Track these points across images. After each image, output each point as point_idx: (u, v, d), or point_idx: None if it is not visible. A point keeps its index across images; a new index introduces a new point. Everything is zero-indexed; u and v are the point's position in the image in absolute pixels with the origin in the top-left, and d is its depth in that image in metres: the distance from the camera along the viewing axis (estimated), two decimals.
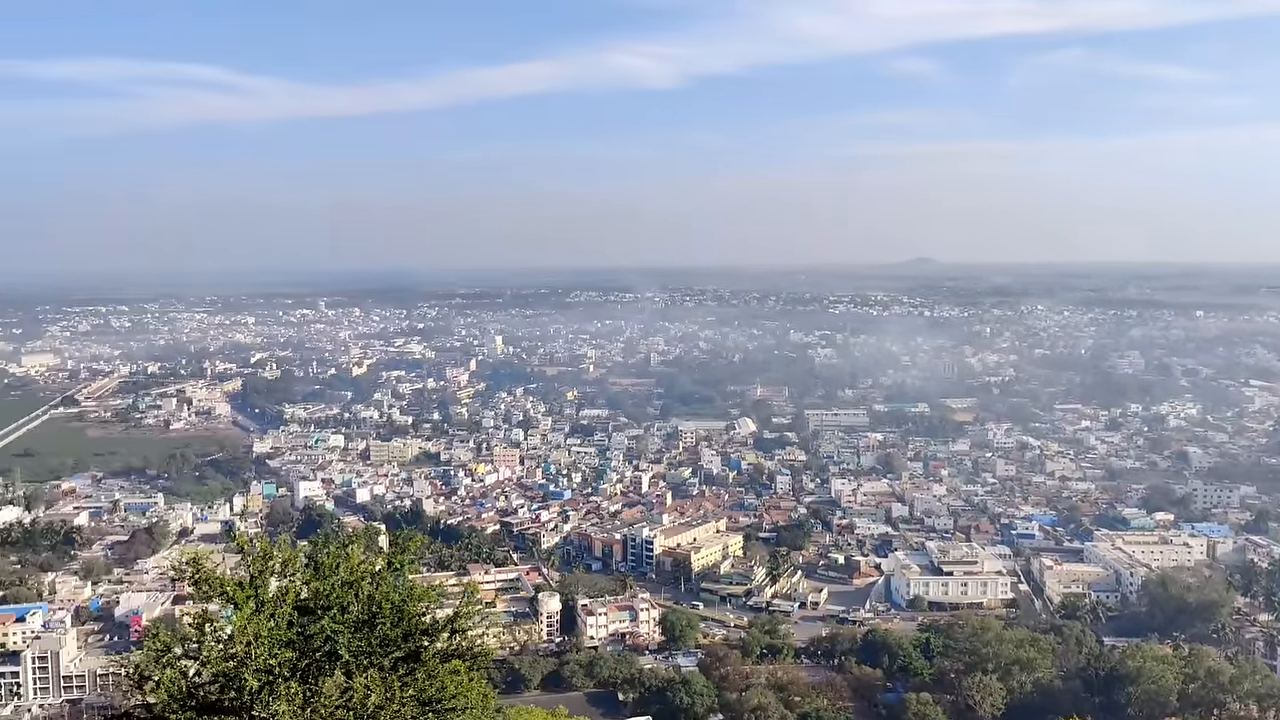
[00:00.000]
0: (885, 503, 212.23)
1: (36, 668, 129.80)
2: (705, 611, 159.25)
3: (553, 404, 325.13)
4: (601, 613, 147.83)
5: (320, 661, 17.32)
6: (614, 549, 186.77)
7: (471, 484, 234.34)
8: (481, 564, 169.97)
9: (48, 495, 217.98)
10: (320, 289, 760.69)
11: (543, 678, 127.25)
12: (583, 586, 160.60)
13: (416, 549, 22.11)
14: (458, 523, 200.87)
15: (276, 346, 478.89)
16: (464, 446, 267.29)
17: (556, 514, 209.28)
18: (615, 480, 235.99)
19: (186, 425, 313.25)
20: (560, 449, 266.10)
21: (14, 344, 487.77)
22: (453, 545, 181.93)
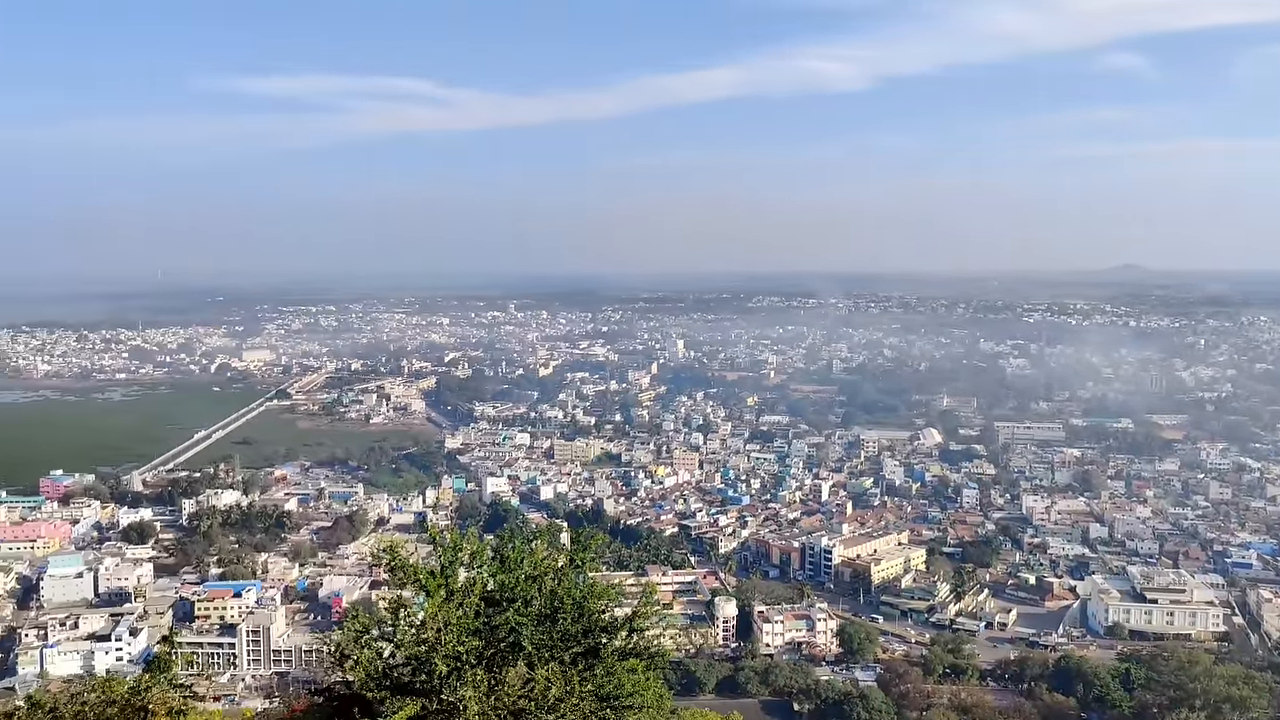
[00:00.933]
0: (1082, 522, 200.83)
1: (250, 641, 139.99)
2: (885, 625, 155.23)
3: (732, 409, 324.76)
4: (778, 620, 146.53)
5: (504, 652, 17.90)
6: (792, 557, 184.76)
7: (651, 486, 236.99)
8: (659, 565, 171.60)
9: (262, 481, 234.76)
10: (510, 292, 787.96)
11: (718, 682, 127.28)
12: (759, 593, 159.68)
13: (597, 547, 22.53)
14: (637, 523, 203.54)
15: (469, 346, 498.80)
16: (644, 448, 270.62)
17: (734, 519, 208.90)
18: (794, 487, 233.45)
19: (385, 420, 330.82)
20: (739, 454, 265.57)
21: (236, 340, 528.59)
22: (632, 546, 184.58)
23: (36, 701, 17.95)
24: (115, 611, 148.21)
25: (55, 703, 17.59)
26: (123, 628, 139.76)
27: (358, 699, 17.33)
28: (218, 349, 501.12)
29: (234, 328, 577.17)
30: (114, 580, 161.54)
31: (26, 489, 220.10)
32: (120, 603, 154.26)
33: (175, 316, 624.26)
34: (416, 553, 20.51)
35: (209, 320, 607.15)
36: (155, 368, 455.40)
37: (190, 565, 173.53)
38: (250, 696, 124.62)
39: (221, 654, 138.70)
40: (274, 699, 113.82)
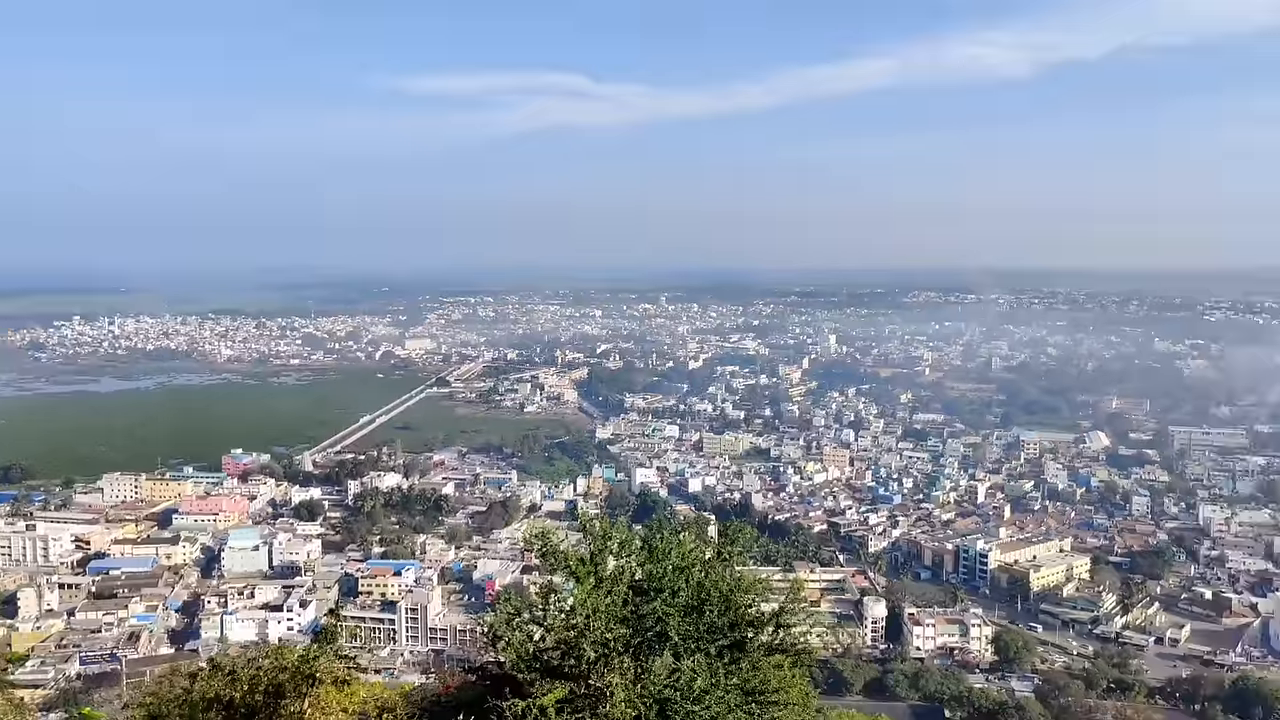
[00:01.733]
0: (1266, 536, 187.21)
1: (408, 618, 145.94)
2: (1043, 635, 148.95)
3: (885, 406, 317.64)
4: (930, 624, 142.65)
5: (651, 641, 18.07)
6: (945, 559, 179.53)
7: (800, 482, 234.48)
8: (807, 562, 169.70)
9: (422, 465, 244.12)
10: (661, 285, 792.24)
11: (865, 683, 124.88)
12: (910, 595, 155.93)
13: (745, 541, 22.47)
14: (785, 519, 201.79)
15: (620, 338, 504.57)
16: (794, 444, 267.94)
17: (885, 518, 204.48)
18: (949, 488, 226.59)
19: (538, 409, 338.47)
20: (891, 452, 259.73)
21: (400, 329, 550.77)
22: (779, 541, 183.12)
23: (218, 664, 19.21)
24: (287, 584, 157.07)
25: (234, 666, 18.78)
26: (293, 599, 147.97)
27: (509, 679, 17.82)
28: (382, 337, 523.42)
29: (398, 317, 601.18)
30: (286, 554, 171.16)
31: (210, 465, 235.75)
32: (291, 575, 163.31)
33: (344, 306, 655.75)
34: (567, 540, 20.91)
35: (375, 310, 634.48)
36: (325, 354, 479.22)
37: (354, 543, 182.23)
38: (408, 671, 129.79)
39: (382, 629, 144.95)
40: (430, 675, 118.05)
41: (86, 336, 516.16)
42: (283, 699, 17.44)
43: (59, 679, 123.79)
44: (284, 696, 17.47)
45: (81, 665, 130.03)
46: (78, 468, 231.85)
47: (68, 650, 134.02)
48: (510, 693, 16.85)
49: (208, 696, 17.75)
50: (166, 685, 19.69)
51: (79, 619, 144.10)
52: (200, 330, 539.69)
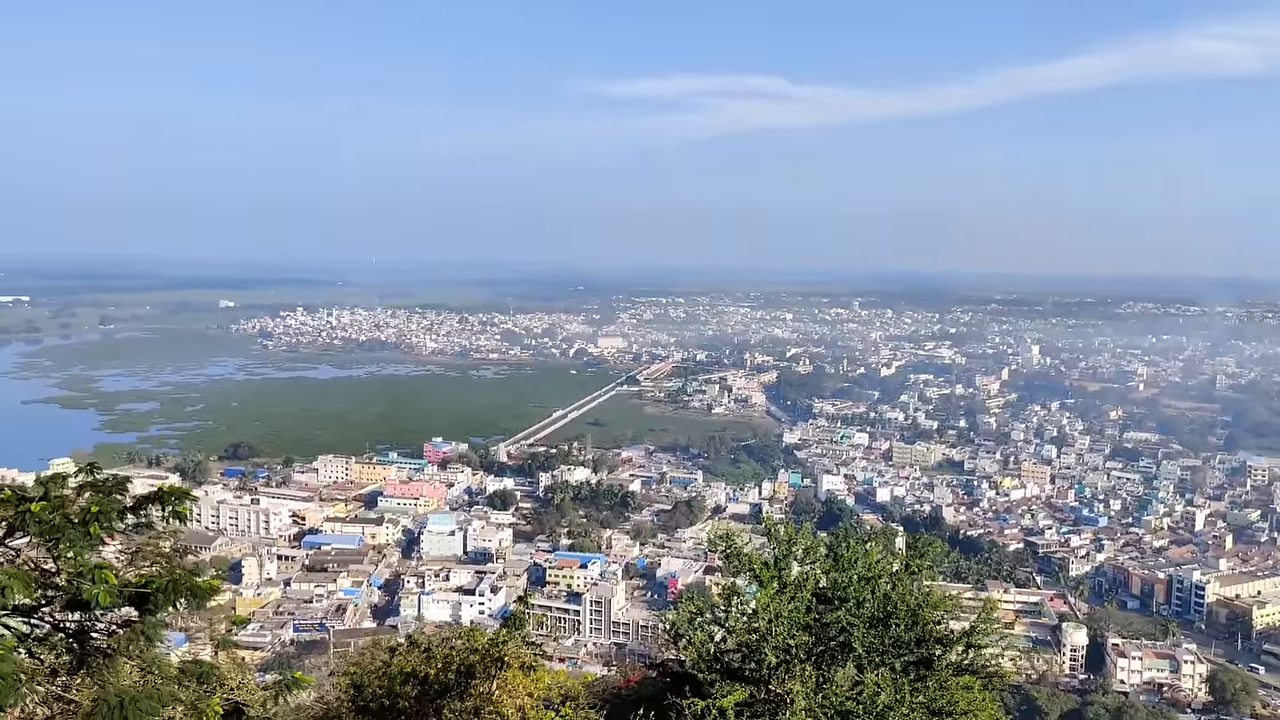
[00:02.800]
0: None
1: (593, 610, 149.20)
2: (1266, 677, 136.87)
3: (1092, 422, 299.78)
4: (1136, 656, 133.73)
5: (834, 651, 17.73)
6: (1156, 588, 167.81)
7: (995, 497, 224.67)
8: (1001, 582, 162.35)
9: (610, 461, 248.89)
10: (854, 289, 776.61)
11: (1062, 714, 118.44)
12: (1114, 624, 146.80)
13: (935, 556, 21.68)
14: (978, 535, 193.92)
15: (810, 342, 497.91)
16: (989, 457, 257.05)
17: (1089, 541, 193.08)
18: (1162, 513, 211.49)
19: (726, 411, 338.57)
20: (1098, 471, 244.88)
21: (593, 327, 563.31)
22: (971, 558, 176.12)
23: (414, 641, 20.19)
24: (479, 569, 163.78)
25: (429, 644, 19.69)
26: (485, 584, 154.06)
27: (689, 678, 17.89)
28: (576, 334, 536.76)
29: (591, 315, 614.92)
30: (479, 541, 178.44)
31: (413, 452, 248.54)
32: (484, 561, 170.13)
33: (541, 303, 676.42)
34: (750, 543, 20.79)
35: (570, 307, 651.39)
36: (522, 349, 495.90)
37: (544, 534, 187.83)
38: (590, 662, 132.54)
39: (567, 619, 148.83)
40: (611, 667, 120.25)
41: (308, 327, 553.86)
42: (473, 679, 18.11)
43: (275, 643, 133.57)
44: (474, 677, 18.14)
45: (294, 632, 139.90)
46: (296, 448, 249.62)
47: (283, 617, 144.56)
48: (690, 691, 16.91)
49: (405, 671, 18.65)
50: (368, 657, 20.83)
51: (293, 589, 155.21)
52: (408, 323, 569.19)
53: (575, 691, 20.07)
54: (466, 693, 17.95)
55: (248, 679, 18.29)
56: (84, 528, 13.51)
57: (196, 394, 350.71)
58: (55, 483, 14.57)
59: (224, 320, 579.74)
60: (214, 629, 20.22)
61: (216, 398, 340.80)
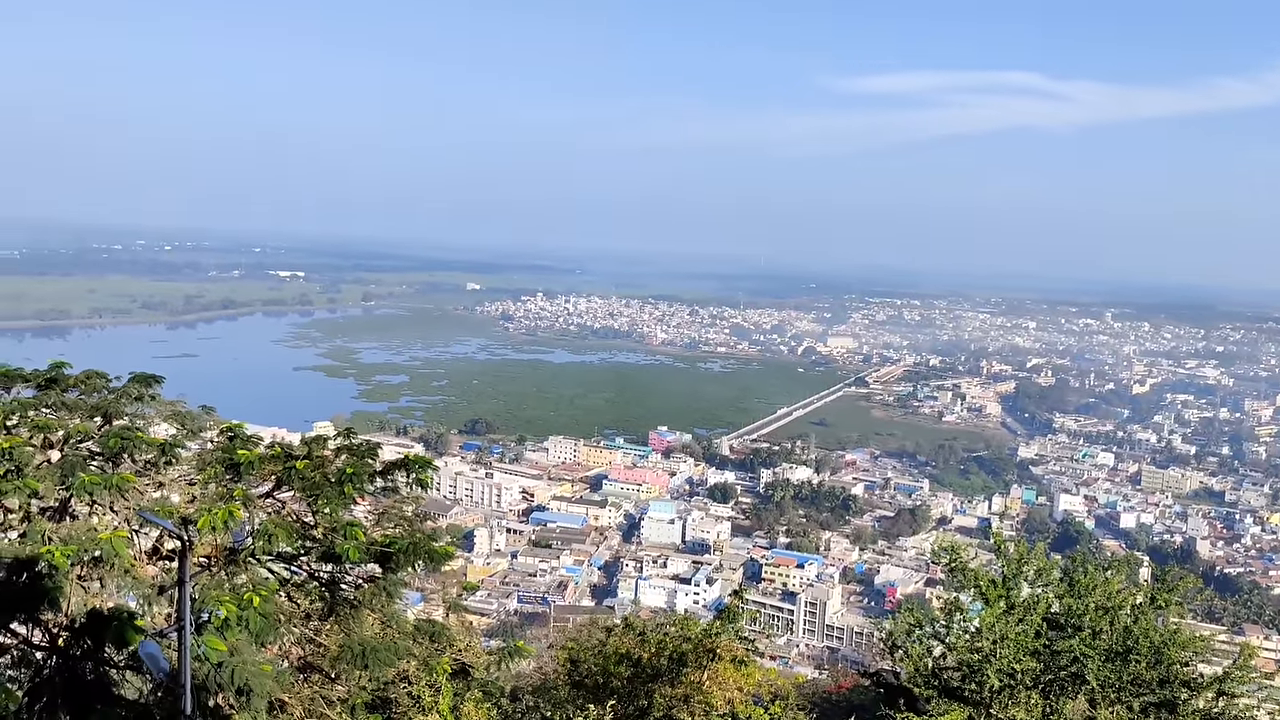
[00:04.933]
0: None
1: (807, 611, 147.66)
2: None
3: None
4: None
5: (1063, 681, 16.69)
6: None
7: (1261, 534, 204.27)
8: (1263, 628, 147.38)
9: (833, 462, 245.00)
10: (1107, 299, 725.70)
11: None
12: None
13: (1185, 591, 20.00)
14: (1237, 574, 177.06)
15: (1054, 354, 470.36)
16: (1256, 490, 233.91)
17: None
18: None
19: (957, 419, 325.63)
20: None
21: (823, 326, 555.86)
22: (1228, 598, 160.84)
23: (630, 624, 20.67)
24: (696, 559, 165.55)
25: (644, 628, 20.10)
26: (701, 575, 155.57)
27: (904, 691, 17.37)
28: (805, 332, 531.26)
29: (822, 314, 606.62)
30: (698, 531, 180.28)
31: (638, 439, 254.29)
32: (701, 552, 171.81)
33: (771, 299, 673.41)
34: (977, 558, 19.90)
35: (800, 305, 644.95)
36: (750, 344, 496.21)
37: (762, 530, 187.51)
38: (801, 663, 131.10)
39: (780, 618, 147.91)
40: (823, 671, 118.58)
41: (546, 312, 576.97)
42: (684, 667, 18.32)
43: (500, 612, 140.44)
44: (686, 665, 18.35)
45: (518, 603, 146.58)
46: (529, 427, 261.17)
47: (509, 588, 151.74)
48: (904, 705, 16.42)
49: (620, 651, 19.10)
50: (586, 634, 21.53)
51: (520, 562, 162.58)
52: (640, 313, 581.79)
53: (785, 691, 19.93)
54: (678, 680, 18.19)
55: (474, 642, 19.32)
56: (340, 487, 14.70)
57: (442, 370, 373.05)
58: (317, 444, 15.94)
59: (470, 302, 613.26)
60: (447, 592, 21.48)
61: (459, 374, 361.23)
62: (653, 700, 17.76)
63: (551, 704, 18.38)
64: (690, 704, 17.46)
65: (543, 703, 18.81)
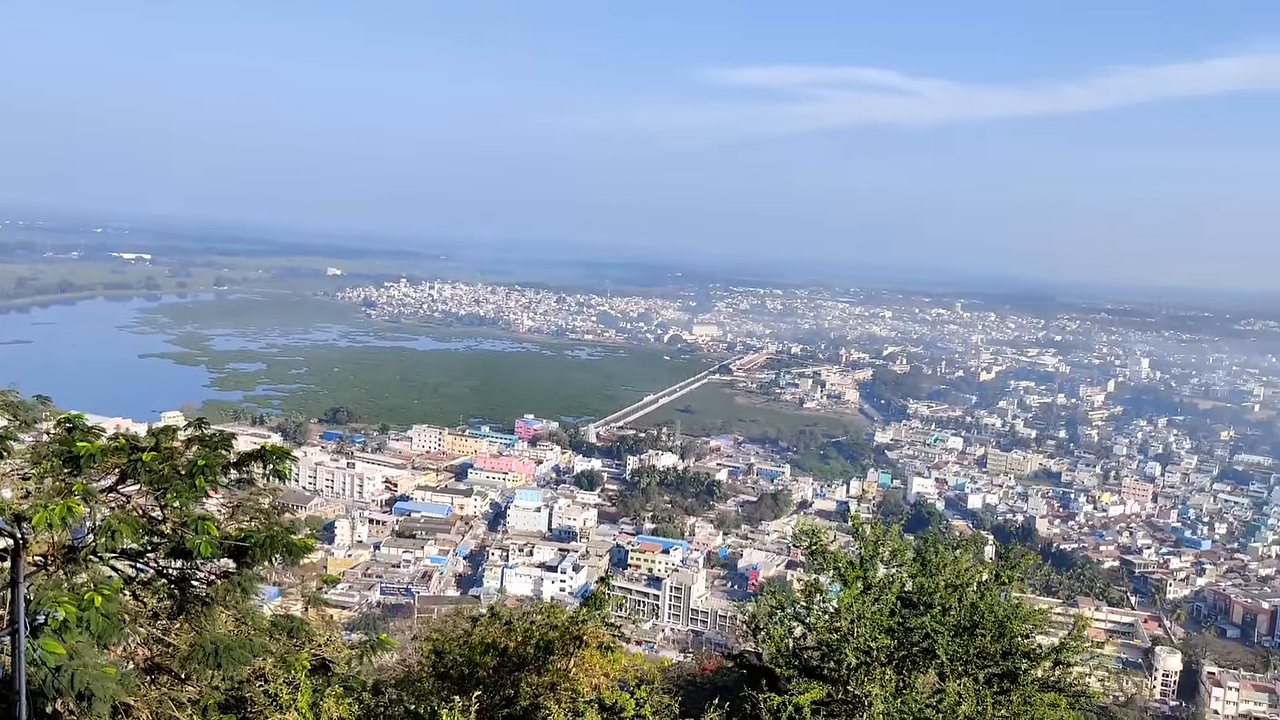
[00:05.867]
0: None
1: (672, 596, 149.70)
2: None
3: (1201, 441, 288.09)
4: (1233, 687, 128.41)
5: (916, 656, 17.40)
6: (1259, 618, 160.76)
7: (1093, 512, 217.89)
8: (1094, 600, 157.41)
9: (698, 449, 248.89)
10: (958, 290, 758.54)
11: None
12: (1211, 652, 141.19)
13: (1026, 567, 21.11)
14: (1072, 550, 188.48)
15: (909, 342, 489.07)
16: (1089, 471, 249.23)
17: (1190, 564, 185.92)
18: (1270, 540, 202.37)
19: (817, 406, 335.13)
20: (1204, 493, 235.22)
21: (689, 314, 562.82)
22: (1063, 572, 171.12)
23: (496, 613, 20.48)
24: (563, 547, 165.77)
25: (511, 617, 19.96)
26: (567, 562, 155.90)
27: (766, 671, 17.77)
28: (671, 320, 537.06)
29: (688, 302, 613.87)
30: (564, 519, 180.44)
31: (504, 427, 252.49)
32: (568, 540, 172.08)
33: (638, 287, 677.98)
34: (836, 540, 20.52)
35: (667, 293, 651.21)
36: (617, 332, 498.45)
37: (628, 517, 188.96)
38: (666, 647, 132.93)
39: (646, 603, 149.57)
40: (687, 654, 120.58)
41: (410, 298, 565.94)
42: (551, 655, 18.29)
43: (362, 604, 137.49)
44: (552, 653, 18.32)
45: (381, 595, 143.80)
46: (393, 416, 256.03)
47: (371, 580, 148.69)
48: (766, 685, 16.80)
49: (485, 641, 18.92)
50: (450, 625, 21.21)
51: (383, 553, 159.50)
52: (506, 300, 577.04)
53: (651, 675, 20.10)
54: (544, 668, 18.15)
55: (335, 637, 18.80)
56: (190, 479, 14.05)
57: (301, 357, 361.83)
58: (166, 434, 15.19)
59: (330, 287, 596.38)
60: (306, 586, 20.85)
61: (319, 362, 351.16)
62: (519, 689, 17.67)
63: (415, 696, 18.07)
64: (557, 692, 17.44)
65: (406, 695, 18.47)
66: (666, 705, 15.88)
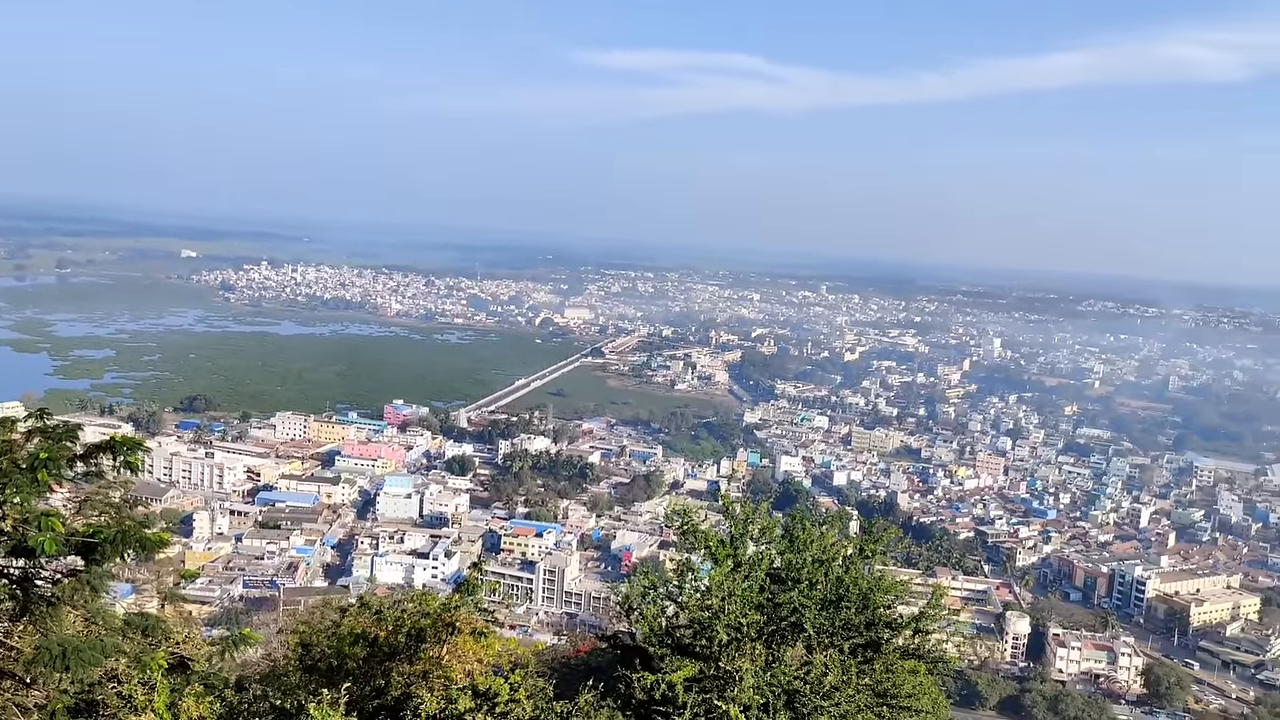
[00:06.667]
0: None
1: (546, 579, 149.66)
2: (1200, 673, 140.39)
3: (1047, 416, 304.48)
4: (1075, 646, 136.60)
5: (784, 631, 17.86)
6: (1098, 582, 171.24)
7: (950, 485, 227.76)
8: (950, 569, 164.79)
9: (571, 432, 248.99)
10: (823, 273, 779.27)
11: (1000, 700, 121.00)
12: (1057, 614, 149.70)
13: (888, 541, 21.93)
14: (930, 523, 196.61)
15: (776, 324, 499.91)
16: (946, 446, 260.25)
17: (1037, 533, 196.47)
18: (1109, 508, 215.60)
19: (688, 387, 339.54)
20: (1050, 465, 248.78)
21: (560, 297, 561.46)
22: (923, 544, 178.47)
23: (365, 602, 20.09)
24: (435, 533, 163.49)
25: (381, 606, 19.60)
26: (439, 549, 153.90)
27: (639, 651, 17.96)
28: (543, 304, 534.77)
29: (559, 285, 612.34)
30: (436, 505, 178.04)
31: (373, 413, 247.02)
32: (439, 526, 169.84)
33: (509, 270, 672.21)
34: (707, 520, 20.84)
35: (538, 276, 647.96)
36: (488, 316, 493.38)
37: (500, 501, 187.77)
38: (541, 630, 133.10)
39: (520, 587, 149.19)
40: (562, 636, 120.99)
41: (272, 281, 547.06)
42: (423, 643, 18.05)
43: (224, 598, 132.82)
44: (424, 641, 18.09)
45: (244, 588, 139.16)
46: (254, 403, 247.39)
47: (233, 573, 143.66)
48: (640, 664, 16.98)
49: (355, 631, 18.55)
50: (318, 616, 20.73)
51: (245, 545, 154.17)
52: (374, 283, 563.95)
53: (525, 659, 20.06)
54: (416, 656, 17.90)
55: (194, 633, 18.10)
56: (32, 474, 13.25)
57: (154, 344, 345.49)
58: (4, 426, 14.26)
59: (185, 270, 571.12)
60: (162, 582, 19.99)
61: (174, 348, 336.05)
62: (390, 679, 17.39)
63: (281, 691, 17.58)
64: (429, 680, 17.22)
65: (272, 691, 17.94)
66: (541, 689, 15.87)
